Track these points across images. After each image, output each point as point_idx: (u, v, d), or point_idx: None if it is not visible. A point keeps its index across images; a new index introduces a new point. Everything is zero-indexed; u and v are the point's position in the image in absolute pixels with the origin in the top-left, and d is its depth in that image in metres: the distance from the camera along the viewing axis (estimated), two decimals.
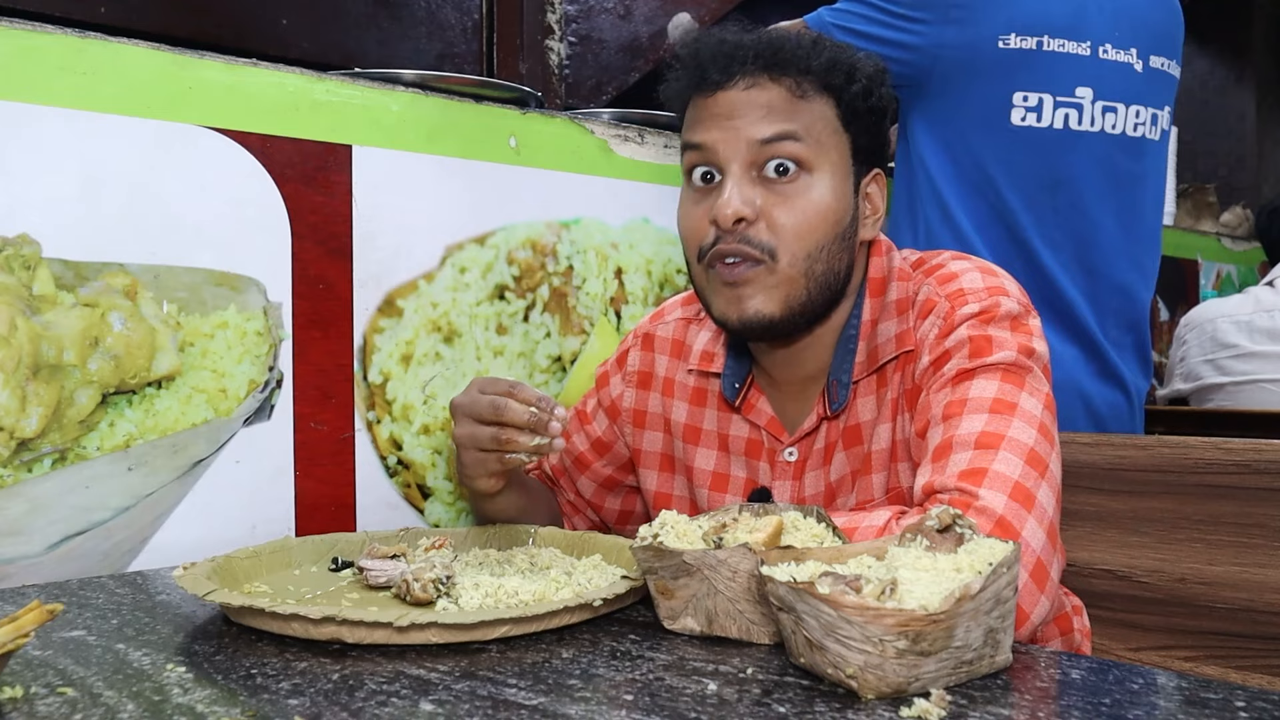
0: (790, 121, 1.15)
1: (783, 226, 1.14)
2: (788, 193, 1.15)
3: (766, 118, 1.15)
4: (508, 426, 1.16)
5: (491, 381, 1.20)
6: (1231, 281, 3.60)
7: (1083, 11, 1.85)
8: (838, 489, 1.24)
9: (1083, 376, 1.86)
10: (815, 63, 1.17)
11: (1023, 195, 1.84)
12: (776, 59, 1.16)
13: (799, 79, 1.16)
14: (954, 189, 1.84)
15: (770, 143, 1.14)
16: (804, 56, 1.17)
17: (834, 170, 1.17)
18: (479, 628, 0.90)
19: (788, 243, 1.14)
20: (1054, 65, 1.83)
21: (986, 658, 0.80)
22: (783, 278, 1.15)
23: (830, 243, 1.16)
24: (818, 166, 1.16)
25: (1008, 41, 1.81)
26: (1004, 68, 1.81)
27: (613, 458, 1.44)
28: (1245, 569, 1.35)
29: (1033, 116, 1.83)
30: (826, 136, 1.17)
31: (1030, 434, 1.08)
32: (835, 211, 1.17)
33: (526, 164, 1.70)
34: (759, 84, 1.16)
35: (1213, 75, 4.92)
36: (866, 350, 1.21)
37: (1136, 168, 1.94)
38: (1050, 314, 1.84)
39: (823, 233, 1.16)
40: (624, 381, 1.41)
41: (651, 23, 2.75)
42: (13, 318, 1.24)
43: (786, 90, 1.16)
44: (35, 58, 1.25)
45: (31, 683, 0.81)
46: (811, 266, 1.16)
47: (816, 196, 1.15)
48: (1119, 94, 1.88)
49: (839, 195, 1.17)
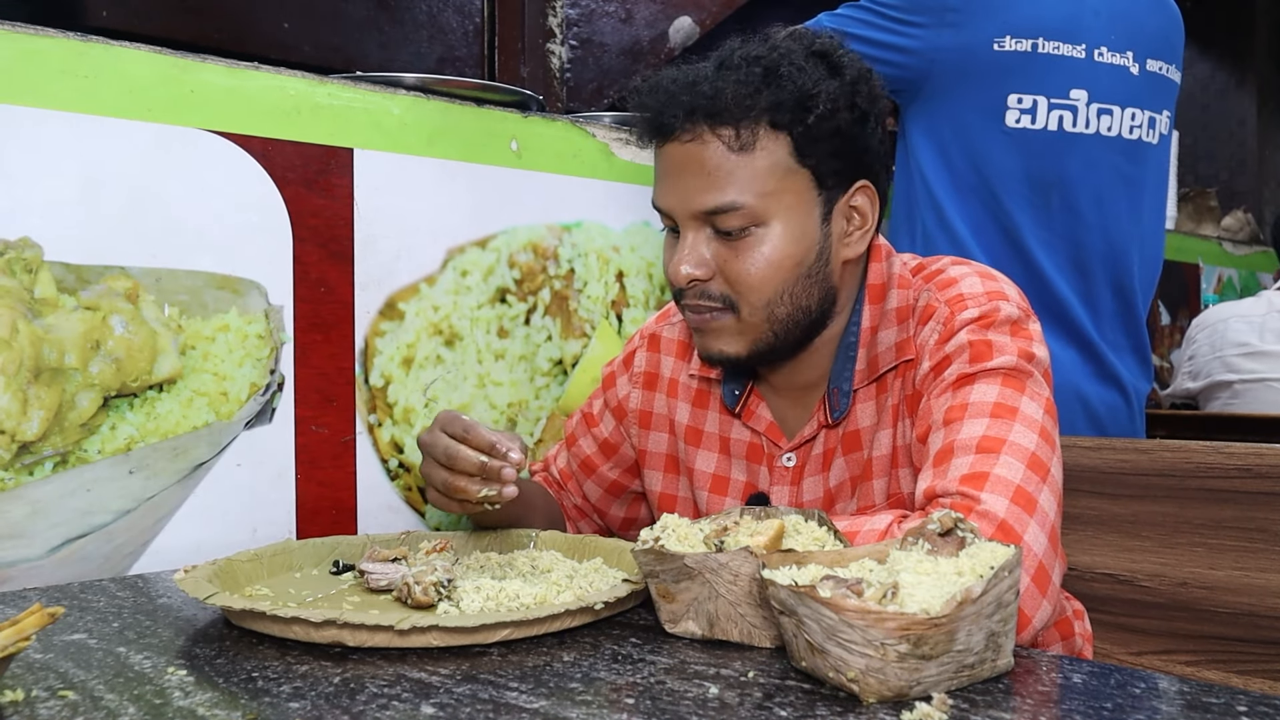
0: (731, 188, 1.12)
1: (737, 280, 1.15)
2: (739, 248, 1.14)
3: (707, 184, 1.13)
4: (459, 474, 1.15)
5: (450, 420, 1.17)
6: (1233, 285, 3.60)
7: (1078, 14, 1.85)
8: (837, 495, 1.23)
9: (1080, 378, 1.86)
10: (761, 103, 1.12)
11: (1018, 197, 1.84)
12: (715, 107, 1.12)
13: (739, 128, 1.12)
14: (949, 193, 1.84)
15: (711, 214, 1.13)
16: (746, 100, 1.11)
17: (789, 213, 1.14)
18: (480, 631, 0.90)
19: (744, 295, 1.15)
20: (1048, 68, 1.83)
21: (988, 661, 0.80)
22: (745, 325, 1.16)
23: (791, 285, 1.15)
24: (769, 217, 1.14)
25: (1003, 44, 1.81)
26: (999, 70, 1.81)
27: (619, 460, 1.44)
28: (1247, 573, 1.34)
29: (1027, 119, 1.83)
30: (776, 182, 1.13)
31: (1031, 438, 1.08)
32: (793, 256, 1.15)
33: (528, 167, 1.71)
34: (699, 137, 1.13)
35: (1214, 80, 4.93)
36: (866, 358, 1.21)
37: (1134, 171, 1.94)
38: (1047, 316, 1.84)
39: (780, 279, 1.15)
40: (630, 382, 1.41)
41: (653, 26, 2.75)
42: (14, 321, 1.24)
43: (725, 145, 1.12)
44: (36, 61, 1.26)
45: (33, 686, 0.81)
46: (773, 312, 1.16)
47: (768, 249, 1.14)
48: (1115, 96, 1.88)
49: (796, 238, 1.15)
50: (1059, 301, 1.87)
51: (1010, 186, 1.84)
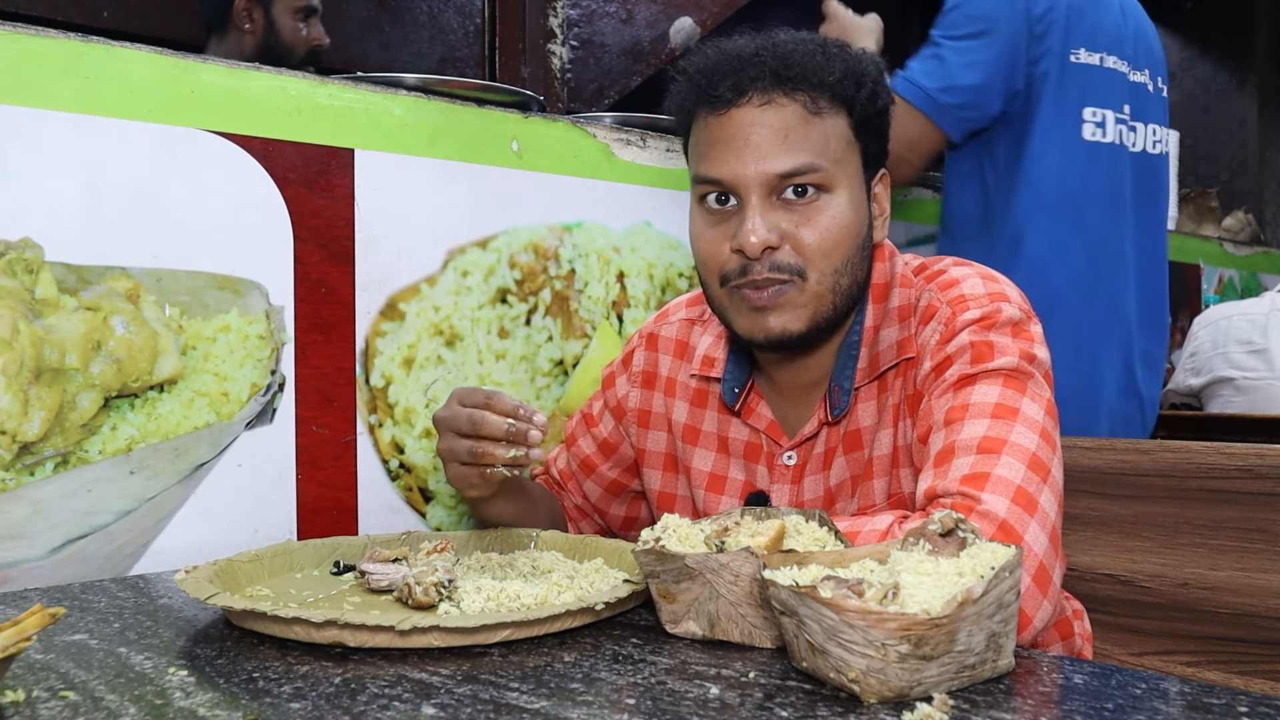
0: (807, 149, 1.13)
1: (808, 246, 1.14)
2: (809, 213, 1.14)
3: (783, 146, 1.12)
4: (484, 439, 1.15)
5: (469, 393, 1.18)
6: (1234, 286, 3.61)
7: (1121, 31, 1.91)
8: (837, 494, 1.23)
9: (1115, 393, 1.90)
10: (830, 76, 1.14)
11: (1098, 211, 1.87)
12: (790, 73, 1.13)
13: (814, 94, 1.13)
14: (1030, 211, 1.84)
15: (790, 176, 1.13)
16: (819, 69, 1.13)
17: (849, 183, 1.16)
18: (481, 631, 0.90)
19: (815, 262, 1.14)
20: (1109, 81, 1.88)
21: (989, 662, 0.80)
22: (811, 295, 1.15)
23: (853, 255, 1.16)
24: (836, 184, 1.15)
25: (1078, 56, 1.84)
26: (1076, 82, 1.84)
27: (619, 460, 1.44)
28: (1248, 574, 1.34)
29: (1100, 132, 1.87)
30: (841, 151, 1.15)
31: (1032, 439, 1.08)
32: (855, 224, 1.16)
33: (528, 168, 1.71)
34: (773, 101, 1.13)
35: (1215, 81, 4.93)
36: (868, 357, 1.21)
37: (1158, 185, 2.01)
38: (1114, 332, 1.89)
39: (846, 247, 1.15)
40: (629, 382, 1.41)
41: (654, 27, 2.75)
42: (15, 321, 1.24)
43: (801, 108, 1.13)
44: (38, 62, 1.26)
45: (33, 686, 0.81)
46: (838, 281, 1.16)
47: (837, 213, 1.14)
48: (1143, 113, 1.95)
49: (856, 207, 1.17)
50: (1126, 318, 1.90)
51: (1092, 201, 1.86)
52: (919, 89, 1.77)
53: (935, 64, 1.78)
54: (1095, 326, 1.87)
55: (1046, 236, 1.84)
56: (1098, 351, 1.87)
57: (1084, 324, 1.85)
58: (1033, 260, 1.83)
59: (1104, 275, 1.88)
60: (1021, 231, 1.84)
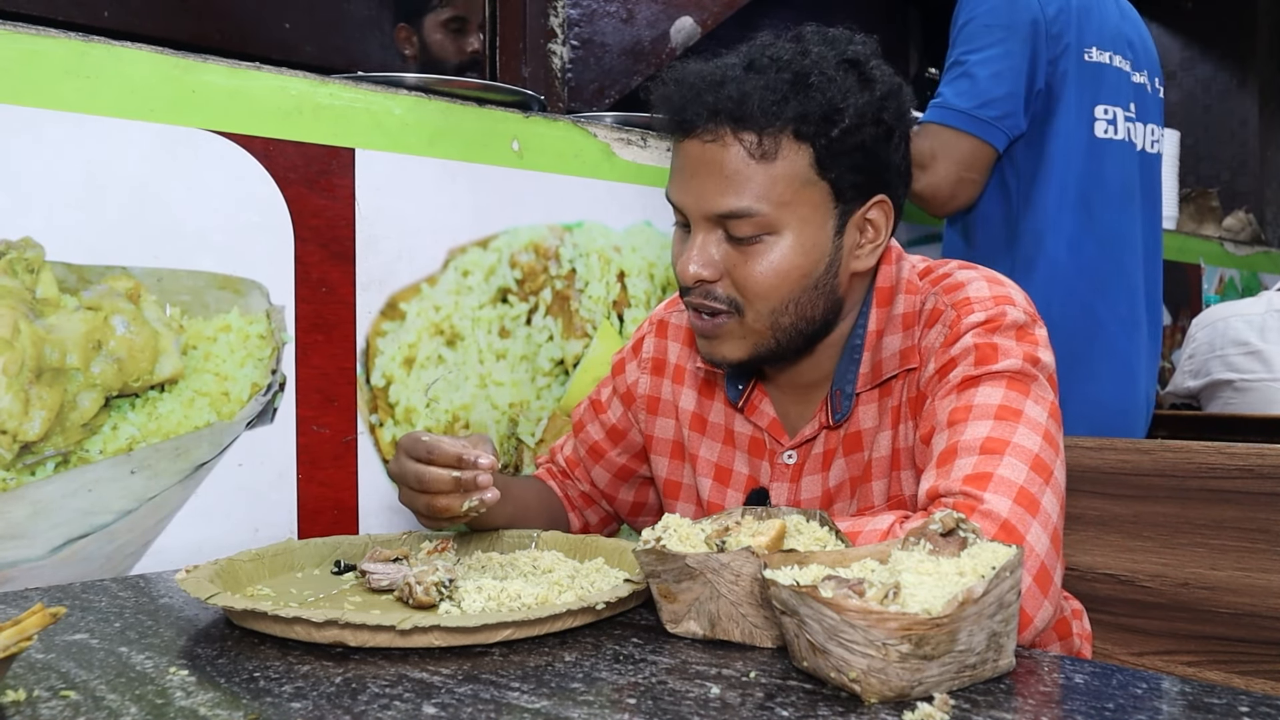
0: (747, 193, 1.11)
1: (745, 286, 1.14)
2: (748, 254, 1.13)
3: (723, 187, 1.11)
4: (436, 495, 1.15)
5: (411, 444, 1.17)
6: (1234, 286, 3.60)
7: (1122, 32, 1.93)
8: (836, 494, 1.23)
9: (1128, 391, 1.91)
10: (787, 113, 1.09)
11: (1112, 209, 1.89)
12: (741, 112, 1.10)
13: (763, 135, 1.10)
14: (1049, 212, 1.86)
15: (724, 218, 1.12)
16: (772, 107, 1.09)
17: (803, 225, 1.13)
18: (482, 631, 0.90)
19: (751, 300, 1.14)
20: (1118, 80, 1.89)
21: (990, 662, 0.80)
22: (749, 330, 1.16)
23: (798, 296, 1.15)
24: (782, 227, 1.12)
25: (1090, 54, 1.86)
26: (1090, 80, 1.85)
27: (627, 445, 1.44)
28: (1249, 574, 1.34)
29: (1111, 129, 1.88)
30: (793, 193, 1.11)
31: (1035, 440, 1.08)
32: (801, 268, 1.14)
33: (529, 167, 1.71)
34: (720, 139, 1.11)
35: (1215, 80, 4.92)
36: (871, 362, 1.21)
37: (1157, 183, 2.03)
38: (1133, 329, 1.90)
39: (787, 289, 1.14)
40: (639, 368, 1.41)
41: (654, 26, 2.74)
42: (16, 321, 1.24)
43: (746, 151, 1.10)
44: (39, 62, 1.26)
45: (34, 686, 0.81)
46: (778, 320, 1.15)
47: (778, 257, 1.13)
48: (1143, 112, 1.96)
49: (807, 249, 1.14)
50: (1138, 314, 1.93)
51: (1104, 198, 1.88)
52: (957, 112, 1.78)
53: (966, 83, 1.79)
54: (1116, 323, 1.88)
55: (1067, 234, 1.85)
56: (1116, 349, 1.88)
57: (1103, 320, 1.86)
58: (1054, 258, 1.84)
59: (1120, 271, 1.89)
60: (1044, 230, 1.85)
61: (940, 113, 1.79)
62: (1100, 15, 1.88)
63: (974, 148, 1.79)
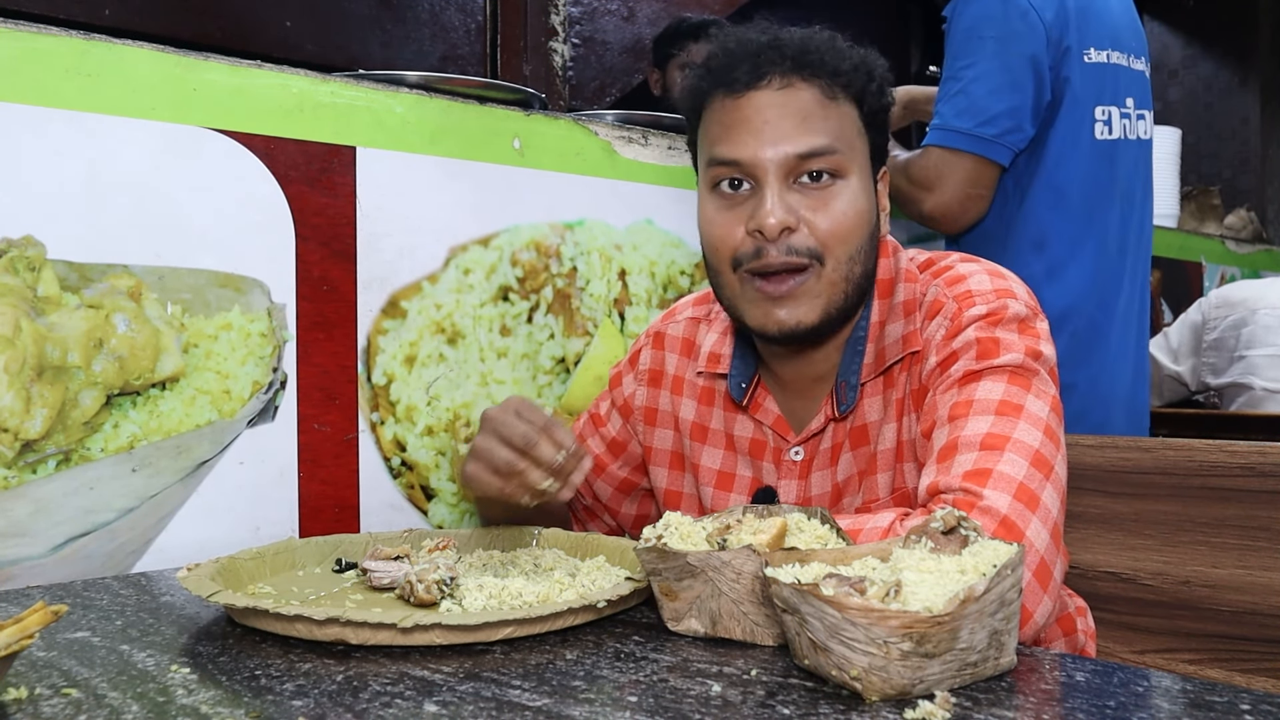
0: (825, 132, 1.14)
1: (825, 231, 1.14)
2: (825, 198, 1.15)
3: (802, 128, 1.14)
4: (530, 461, 1.13)
5: (530, 408, 1.15)
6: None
7: (1118, 22, 1.91)
8: (844, 489, 1.23)
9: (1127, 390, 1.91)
10: (844, 65, 1.16)
11: (1110, 209, 1.88)
12: (807, 59, 1.15)
13: (830, 81, 1.15)
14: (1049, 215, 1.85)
15: (808, 158, 1.14)
16: (834, 58, 1.16)
17: (860, 172, 1.18)
18: (483, 629, 0.90)
19: (831, 247, 1.15)
20: (1116, 77, 1.88)
21: (991, 660, 0.80)
22: (827, 283, 1.16)
23: (865, 244, 1.17)
24: (850, 170, 1.16)
25: (1090, 56, 1.84)
26: (1089, 83, 1.84)
27: (628, 458, 1.44)
28: (1250, 572, 1.34)
29: (1107, 130, 1.87)
30: (853, 140, 1.17)
31: (1036, 436, 1.07)
32: (867, 213, 1.17)
33: (530, 165, 1.71)
34: (791, 85, 1.15)
35: (1217, 78, 4.92)
36: (874, 352, 1.21)
37: (1150, 170, 2.02)
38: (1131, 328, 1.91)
39: (860, 234, 1.16)
40: (636, 380, 1.41)
41: (655, 25, 2.75)
42: (17, 319, 1.24)
43: (819, 93, 1.15)
44: (40, 60, 1.26)
45: (36, 684, 0.81)
46: (852, 269, 1.17)
47: (851, 199, 1.15)
48: (1141, 101, 1.95)
49: (868, 196, 1.18)
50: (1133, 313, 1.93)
51: (1103, 200, 1.87)
52: (957, 133, 1.78)
53: (964, 100, 1.78)
54: (1110, 322, 1.88)
55: (1067, 239, 1.84)
56: (1113, 349, 1.88)
57: (1099, 321, 1.86)
58: (1053, 263, 1.84)
59: (1116, 270, 1.89)
60: (1044, 236, 1.84)
61: (941, 135, 1.79)
62: (1098, 14, 1.86)
63: (978, 166, 1.79)
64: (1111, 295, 1.89)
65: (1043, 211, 1.84)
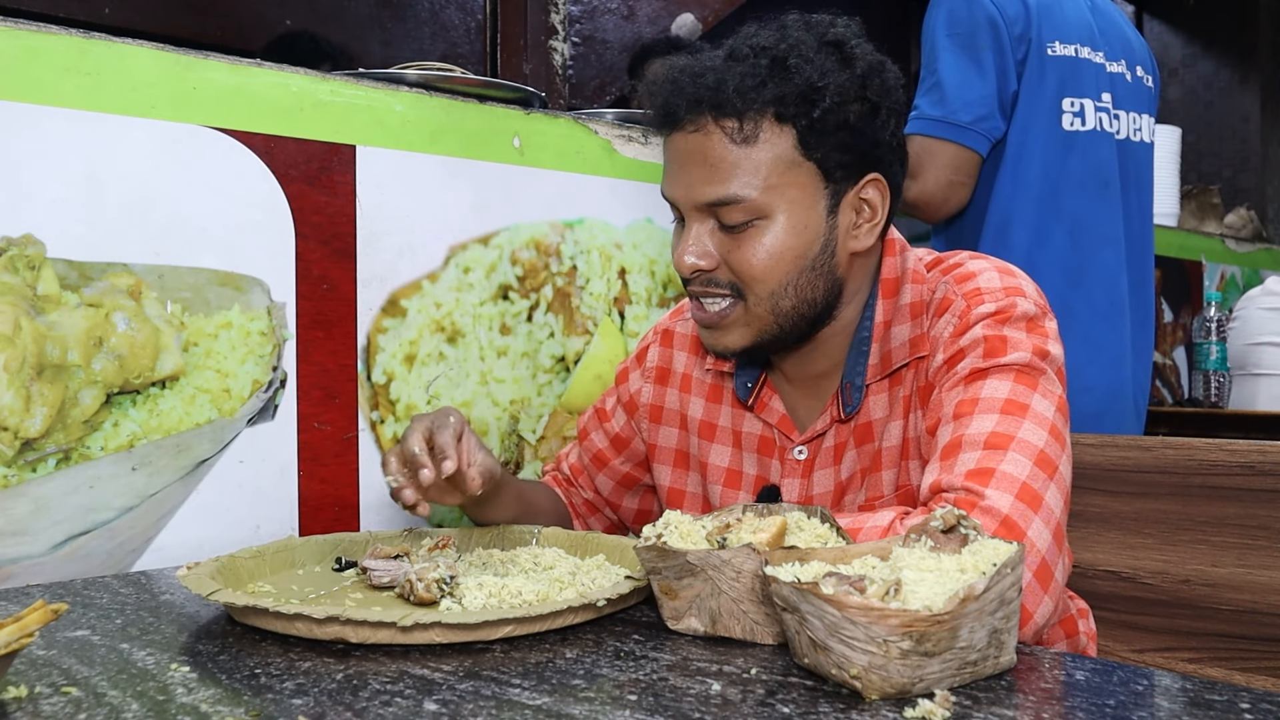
0: (730, 180, 1.12)
1: (741, 271, 1.15)
2: (742, 240, 1.15)
3: (709, 176, 1.13)
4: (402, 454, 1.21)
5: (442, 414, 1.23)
6: (1235, 283, 3.60)
7: (1092, 24, 1.96)
8: (847, 486, 1.23)
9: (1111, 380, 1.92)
10: (766, 95, 1.11)
11: (1080, 199, 1.91)
12: (719, 99, 1.12)
13: (743, 120, 1.12)
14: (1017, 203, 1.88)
15: (713, 206, 1.14)
16: (750, 91, 1.11)
17: (792, 206, 1.14)
18: (483, 628, 0.90)
19: (749, 285, 1.16)
20: (1086, 72, 1.92)
21: (991, 659, 0.80)
22: (752, 315, 1.17)
23: (795, 277, 1.16)
24: (771, 210, 1.14)
25: (1054, 49, 1.89)
26: (1054, 74, 1.88)
27: (630, 454, 1.44)
28: (1250, 571, 1.34)
29: (1078, 121, 1.91)
30: (779, 175, 1.13)
31: (1040, 435, 1.07)
32: (795, 249, 1.15)
33: (530, 164, 1.71)
34: (701, 128, 1.14)
35: (1217, 77, 4.92)
36: (880, 353, 1.21)
37: (1143, 172, 2.04)
38: (1112, 319, 1.92)
39: (783, 271, 1.15)
40: (643, 377, 1.42)
41: (655, 23, 2.74)
42: (17, 318, 1.24)
43: (727, 137, 1.12)
44: (40, 58, 1.26)
45: (36, 682, 0.81)
46: (778, 304, 1.16)
47: (770, 240, 1.14)
48: (1122, 101, 1.99)
49: (799, 230, 1.15)
50: (1122, 304, 1.94)
51: (1075, 189, 1.90)
52: (932, 120, 1.82)
53: (936, 93, 1.83)
54: (1091, 312, 1.89)
55: (1031, 226, 1.87)
56: (1093, 338, 1.89)
57: (1076, 310, 1.87)
58: (1018, 250, 1.86)
59: (1094, 261, 1.91)
60: (1008, 222, 1.88)
61: (918, 123, 1.83)
62: (1062, 11, 1.91)
63: (955, 153, 1.83)
64: (1090, 286, 1.90)
65: (1006, 199, 1.88)
